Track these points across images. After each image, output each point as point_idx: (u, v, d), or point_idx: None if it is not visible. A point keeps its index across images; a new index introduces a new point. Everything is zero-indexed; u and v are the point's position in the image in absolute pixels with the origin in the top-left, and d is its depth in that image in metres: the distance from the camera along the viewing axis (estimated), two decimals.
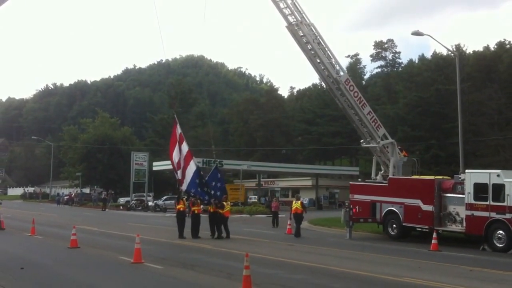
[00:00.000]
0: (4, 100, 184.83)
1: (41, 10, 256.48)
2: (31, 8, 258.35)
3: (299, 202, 27.37)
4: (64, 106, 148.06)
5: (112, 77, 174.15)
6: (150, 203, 56.25)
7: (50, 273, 14.36)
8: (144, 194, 61.83)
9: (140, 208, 55.71)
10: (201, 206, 24.98)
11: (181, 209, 24.47)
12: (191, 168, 24.64)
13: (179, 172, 24.86)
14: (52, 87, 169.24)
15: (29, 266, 15.07)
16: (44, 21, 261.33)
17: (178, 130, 25.63)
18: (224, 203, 24.77)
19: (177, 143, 25.23)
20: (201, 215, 24.57)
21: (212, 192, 24.79)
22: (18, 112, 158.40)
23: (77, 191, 75.85)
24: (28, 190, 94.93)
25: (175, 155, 25.21)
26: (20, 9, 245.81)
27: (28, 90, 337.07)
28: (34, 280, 13.15)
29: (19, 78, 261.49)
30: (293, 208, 26.96)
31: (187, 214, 25.02)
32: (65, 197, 72.75)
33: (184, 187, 24.75)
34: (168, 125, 74.55)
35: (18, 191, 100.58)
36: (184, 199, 25.14)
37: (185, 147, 25.13)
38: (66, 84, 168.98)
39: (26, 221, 30.31)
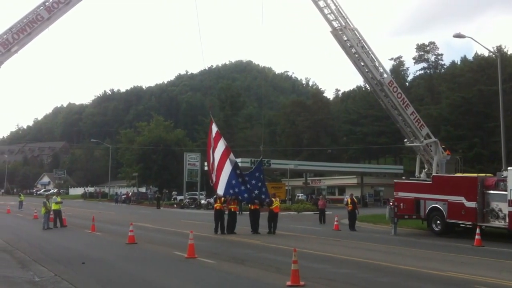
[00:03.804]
0: (65, 105, 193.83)
1: (98, 22, 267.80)
2: (89, 21, 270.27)
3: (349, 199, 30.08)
4: (121, 111, 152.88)
5: (165, 82, 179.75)
6: (202, 201, 57.23)
7: (109, 267, 14.57)
8: (197, 192, 63.17)
9: (193, 206, 56.86)
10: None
11: (218, 207, 25.22)
12: (227, 168, 24.71)
13: (213, 176, 25.29)
14: (110, 92, 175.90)
15: (90, 261, 15.44)
16: (101, 31, 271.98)
17: (214, 128, 25.95)
18: (273, 199, 25.92)
19: (212, 142, 25.73)
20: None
21: (250, 187, 24.96)
22: (78, 116, 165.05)
23: (133, 190, 77.92)
24: (88, 190, 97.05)
25: (210, 156, 25.83)
26: (79, 23, 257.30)
27: (87, 96, 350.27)
28: (95, 274, 13.30)
29: (79, 85, 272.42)
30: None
31: (225, 212, 25.62)
32: (123, 196, 74.98)
33: (220, 191, 24.99)
34: (219, 127, 76.64)
35: (79, 190, 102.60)
36: (222, 198, 25.42)
37: (221, 145, 25.29)
38: (122, 89, 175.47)
39: (87, 219, 31.51)
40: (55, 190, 72.74)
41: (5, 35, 22.11)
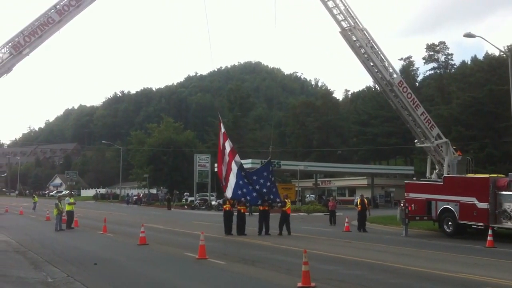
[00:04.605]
0: (76, 107, 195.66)
1: (108, 25, 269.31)
2: (99, 24, 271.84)
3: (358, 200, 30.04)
4: (131, 112, 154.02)
5: (175, 84, 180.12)
6: (213, 203, 57.05)
7: (121, 268, 14.76)
8: (208, 194, 63.00)
9: (204, 207, 56.98)
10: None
11: (227, 208, 25.49)
12: (234, 169, 25.03)
13: (223, 178, 25.62)
14: (120, 94, 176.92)
15: (102, 262, 15.63)
16: (111, 34, 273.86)
17: (222, 129, 26.52)
18: (286, 200, 26.07)
19: (221, 143, 26.09)
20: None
21: (258, 187, 25.19)
22: (89, 118, 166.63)
23: (144, 192, 78.57)
24: (99, 191, 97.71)
25: (221, 158, 26.08)
26: (89, 25, 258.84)
27: (98, 98, 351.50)
28: (107, 275, 13.44)
29: (89, 87, 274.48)
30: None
31: (234, 213, 25.70)
32: (134, 197, 75.39)
33: (228, 193, 25.42)
34: (228, 129, 76.40)
35: (91, 192, 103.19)
36: (230, 200, 25.72)
37: (227, 147, 25.62)
38: (133, 91, 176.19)
39: (99, 220, 31.63)
40: (67, 192, 73.12)
41: (17, 37, 22.34)
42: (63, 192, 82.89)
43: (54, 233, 26.44)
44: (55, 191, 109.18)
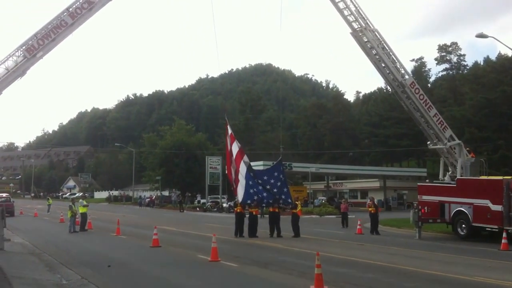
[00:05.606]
0: (89, 110, 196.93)
1: (120, 28, 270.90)
2: (112, 27, 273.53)
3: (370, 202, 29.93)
4: (144, 115, 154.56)
5: (187, 86, 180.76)
6: (224, 205, 57.20)
7: (135, 270, 14.73)
8: (219, 196, 63.15)
9: (215, 209, 57.13)
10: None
11: (239, 210, 25.52)
12: (242, 170, 25.03)
13: (233, 180, 25.90)
14: (133, 97, 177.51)
15: (115, 263, 15.68)
16: (124, 37, 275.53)
17: (229, 131, 26.71)
18: (296, 202, 26.28)
19: (229, 145, 26.26)
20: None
21: (268, 187, 25.16)
22: (102, 121, 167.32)
23: (157, 194, 78.67)
24: (112, 193, 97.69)
25: (228, 159, 26.31)
26: (102, 28, 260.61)
27: (110, 101, 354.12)
28: (120, 277, 13.52)
29: (102, 90, 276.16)
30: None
31: (246, 215, 25.74)
32: (147, 200, 75.85)
33: (239, 197, 25.45)
34: (239, 131, 76.55)
35: (104, 194, 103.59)
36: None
37: (235, 147, 25.77)
38: (145, 94, 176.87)
39: (112, 222, 31.79)
40: (81, 194, 73.69)
41: (31, 41, 22.57)
42: (77, 194, 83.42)
43: (68, 235, 26.65)
44: (68, 193, 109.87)
